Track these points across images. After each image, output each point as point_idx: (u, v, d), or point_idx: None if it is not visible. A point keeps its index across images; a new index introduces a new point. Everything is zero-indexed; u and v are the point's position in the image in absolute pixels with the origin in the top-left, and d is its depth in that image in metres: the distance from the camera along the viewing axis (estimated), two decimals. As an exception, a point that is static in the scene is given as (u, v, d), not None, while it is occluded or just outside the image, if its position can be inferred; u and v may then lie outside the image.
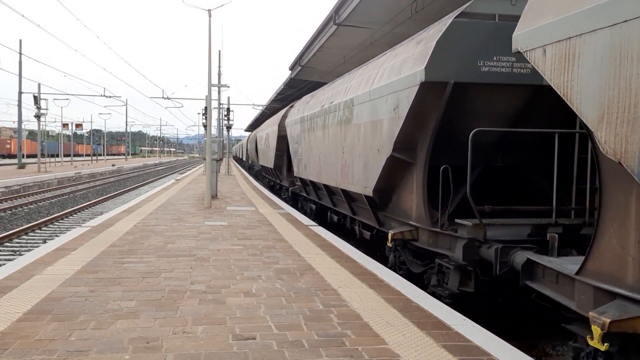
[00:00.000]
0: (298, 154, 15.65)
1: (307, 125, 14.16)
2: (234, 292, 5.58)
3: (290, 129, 17.44)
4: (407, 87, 7.06)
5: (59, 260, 7.03)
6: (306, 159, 14.23)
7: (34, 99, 39.74)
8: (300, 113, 15.64)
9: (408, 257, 8.01)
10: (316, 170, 12.93)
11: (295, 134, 16.40)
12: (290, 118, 17.73)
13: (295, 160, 16.15)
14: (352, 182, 9.64)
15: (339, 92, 11.10)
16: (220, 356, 3.81)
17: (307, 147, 14.03)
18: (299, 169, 15.56)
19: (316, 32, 19.15)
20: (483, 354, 3.93)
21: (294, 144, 16.48)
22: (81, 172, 39.06)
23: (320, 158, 12.44)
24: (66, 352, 3.82)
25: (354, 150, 9.52)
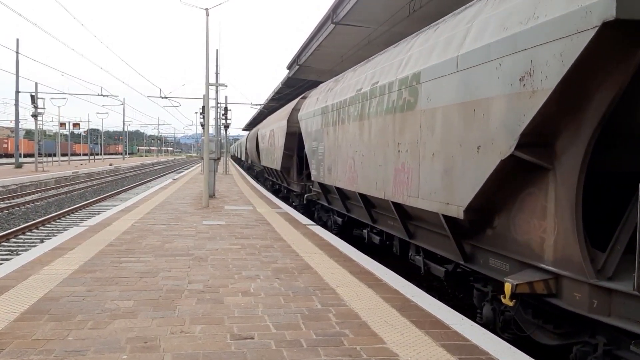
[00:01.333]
0: (317, 154, 12.61)
1: (333, 117, 11.17)
2: (232, 292, 5.57)
3: (305, 123, 14.20)
4: (563, 36, 4.15)
5: (57, 260, 7.01)
6: (330, 160, 11.28)
7: (31, 98, 39.66)
8: (320, 103, 12.49)
9: (530, 320, 5.19)
10: (347, 174, 9.92)
11: (312, 130, 13.26)
12: (304, 110, 14.45)
13: (314, 161, 13.03)
14: (416, 194, 6.68)
15: (388, 68, 8.09)
16: (218, 356, 3.80)
17: (332, 144, 11.14)
18: (318, 173, 12.45)
19: (314, 31, 19.14)
20: (481, 353, 3.93)
21: (311, 142, 13.32)
22: (78, 172, 38.99)
23: (354, 159, 9.50)
24: (63, 352, 3.81)
25: (421, 149, 6.54)
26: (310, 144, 13.53)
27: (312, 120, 13.21)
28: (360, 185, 9.14)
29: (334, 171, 10.93)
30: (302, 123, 14.42)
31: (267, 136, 23.40)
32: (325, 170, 11.80)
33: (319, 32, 18.74)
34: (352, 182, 9.64)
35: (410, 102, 6.92)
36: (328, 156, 11.49)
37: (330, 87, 12.17)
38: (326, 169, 11.65)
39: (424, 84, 6.53)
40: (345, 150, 10.16)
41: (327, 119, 11.62)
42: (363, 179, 8.95)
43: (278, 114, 21.72)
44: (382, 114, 8.01)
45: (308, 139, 13.72)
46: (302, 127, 14.42)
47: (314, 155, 13.03)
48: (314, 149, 13.03)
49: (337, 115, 10.73)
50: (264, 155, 25.51)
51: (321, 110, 12.17)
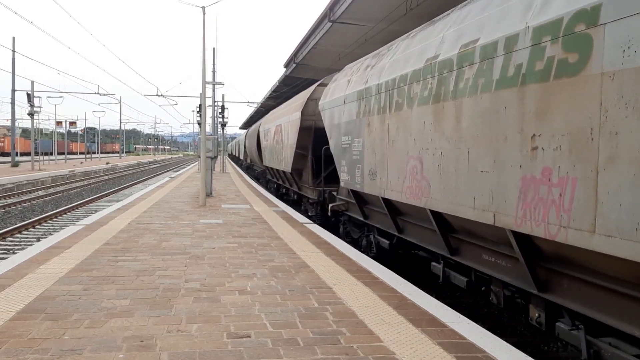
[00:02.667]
0: (350, 153, 9.61)
1: (378, 101, 8.13)
2: (228, 290, 5.57)
3: (329, 114, 11.06)
4: None
5: (53, 258, 6.99)
6: (374, 161, 8.35)
7: (28, 97, 39.54)
8: (355, 85, 9.43)
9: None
10: (408, 182, 7.07)
11: (341, 121, 10.14)
12: (328, 97, 11.21)
13: (344, 162, 10.03)
14: (587, 224, 3.92)
15: (497, 15, 5.29)
16: (215, 354, 3.80)
17: (378, 139, 8.16)
18: (352, 178, 9.49)
19: (311, 29, 19.13)
20: (478, 351, 3.93)
21: (340, 137, 10.22)
22: (75, 171, 38.91)
23: (422, 160, 6.63)
24: (59, 351, 3.80)
25: (603, 144, 3.81)
26: (337, 140, 10.38)
27: (341, 109, 10.10)
28: (435, 200, 6.20)
29: (382, 176, 7.97)
30: (325, 114, 11.33)
31: (272, 132, 20.04)
32: (363, 175, 8.78)
33: (316, 30, 18.73)
34: (417, 193, 6.72)
35: (567, 64, 4.19)
36: (370, 155, 8.49)
37: (369, 65, 9.14)
38: (365, 172, 8.68)
39: (609, 24, 3.78)
40: (403, 147, 7.17)
41: (367, 106, 8.59)
42: (442, 190, 6.02)
43: (288, 105, 18.01)
44: (489, 90, 5.20)
45: (335, 134, 10.59)
46: (325, 119, 11.32)
47: (344, 155, 9.91)
48: (344, 145, 9.86)
49: (387, 99, 7.75)
50: (267, 155, 22.02)
51: (357, 95, 9.09)
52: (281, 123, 17.70)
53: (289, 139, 15.89)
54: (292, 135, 15.13)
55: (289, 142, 15.72)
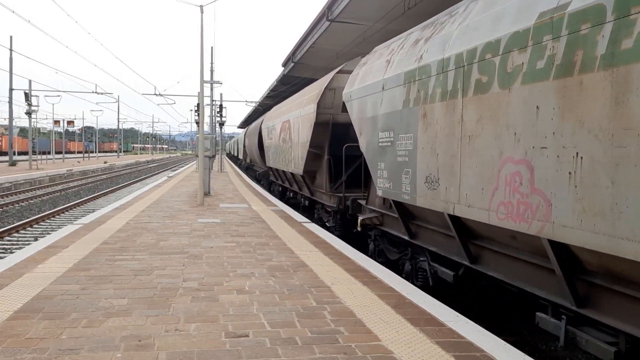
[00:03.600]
0: (394, 154, 7.41)
1: (444, 83, 6.00)
2: (227, 290, 5.56)
3: (357, 105, 8.88)
4: None
5: (50, 258, 6.98)
6: (436, 166, 6.21)
7: (25, 96, 39.48)
8: (399, 65, 7.31)
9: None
10: (506, 197, 4.94)
11: (378, 113, 7.94)
12: (358, 84, 8.91)
13: (383, 166, 7.83)
14: None
15: None
16: (213, 354, 3.79)
17: (444, 136, 6.02)
18: (395, 186, 7.37)
19: (309, 29, 19.13)
20: (476, 350, 3.93)
21: (377, 134, 8.02)
22: (73, 170, 38.85)
23: (533, 164, 4.59)
24: (57, 350, 3.79)
25: None
26: (372, 138, 8.20)
27: (377, 98, 7.90)
28: (563, 227, 4.16)
29: (449, 186, 5.84)
30: (353, 105, 9.10)
31: (278, 130, 17.91)
32: (415, 183, 6.67)
33: (314, 30, 18.72)
34: (520, 213, 4.69)
35: None
36: (427, 157, 6.38)
37: (420, 37, 7.01)
38: (419, 179, 6.57)
39: None
40: (491, 145, 5.11)
41: (423, 90, 6.42)
42: (580, 213, 4.00)
43: (298, 98, 15.53)
44: None
45: (368, 129, 8.40)
46: (353, 112, 9.11)
47: (382, 156, 7.81)
48: (383, 144, 7.75)
49: (460, 79, 5.61)
50: (271, 155, 19.78)
51: (405, 77, 6.92)
52: (289, 119, 15.70)
53: (300, 137, 13.88)
54: (305, 132, 13.13)
55: (301, 140, 13.75)
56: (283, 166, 16.78)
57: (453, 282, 6.43)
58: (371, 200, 9.10)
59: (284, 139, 16.57)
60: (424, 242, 7.17)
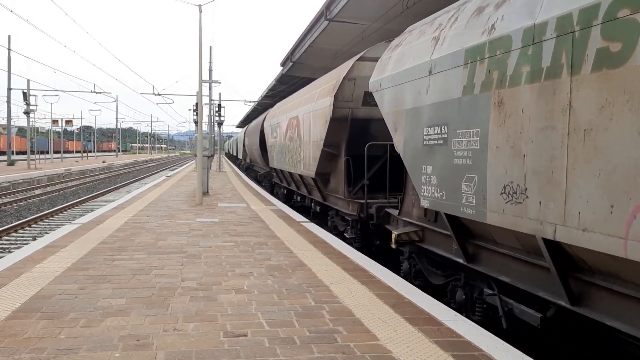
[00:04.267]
0: (448, 156, 5.87)
1: (536, 58, 4.45)
2: (225, 289, 5.56)
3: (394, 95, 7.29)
4: None
5: (49, 257, 6.97)
6: (522, 171, 4.62)
7: (23, 95, 39.41)
8: (462, 38, 5.65)
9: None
10: None
11: (422, 103, 6.47)
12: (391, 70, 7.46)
13: (429, 169, 6.36)
14: None
15: None
16: (211, 353, 3.79)
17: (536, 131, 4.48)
18: (454, 197, 5.72)
19: (308, 28, 19.13)
20: (475, 350, 3.93)
21: (420, 129, 6.52)
22: (71, 169, 38.81)
23: None
24: (55, 350, 3.79)
25: None
26: (413, 134, 6.67)
27: (420, 84, 6.41)
28: None
29: (545, 201, 4.33)
30: (384, 96, 7.60)
31: (284, 127, 16.40)
32: (485, 193, 5.10)
33: (312, 29, 18.72)
34: None
35: None
36: (504, 159, 4.85)
37: (481, 5, 5.55)
38: (491, 189, 5.00)
39: None
40: (622, 145, 3.64)
41: (498, 70, 4.94)
42: None
43: (309, 91, 13.89)
44: None
45: (406, 124, 6.90)
46: (385, 103, 7.59)
47: (428, 157, 6.29)
48: (430, 142, 6.23)
49: (565, 50, 4.14)
50: (276, 155, 18.28)
51: (467, 56, 5.43)
52: (298, 115, 14.10)
53: (312, 134, 12.29)
54: (318, 129, 11.57)
55: (312, 139, 12.17)
56: (290, 167, 15.20)
57: (540, 327, 4.87)
58: (406, 210, 7.58)
59: (291, 137, 14.99)
60: (490, 269, 5.52)
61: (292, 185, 16.51)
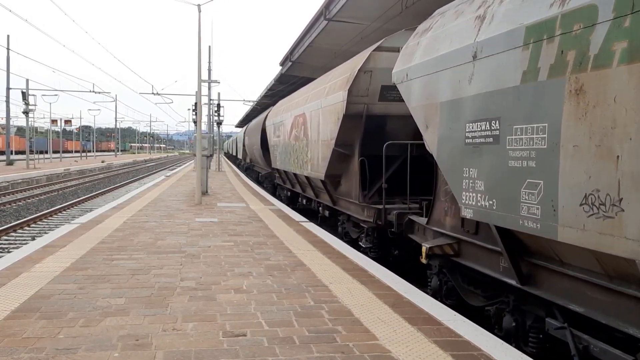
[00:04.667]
0: (501, 157, 4.83)
1: None
2: (224, 289, 5.56)
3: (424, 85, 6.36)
4: None
5: (48, 257, 6.96)
6: (626, 173, 3.51)
7: (22, 95, 39.37)
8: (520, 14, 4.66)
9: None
10: None
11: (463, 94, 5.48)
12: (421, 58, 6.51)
13: (472, 173, 5.34)
14: None
15: None
16: (210, 353, 3.79)
17: None
18: (507, 207, 4.73)
19: (307, 28, 19.12)
20: (474, 349, 3.93)
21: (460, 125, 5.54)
22: (70, 169, 38.79)
23: None
24: (54, 350, 3.78)
25: None
26: (452, 131, 5.70)
27: (460, 72, 5.48)
28: None
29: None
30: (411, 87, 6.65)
31: (289, 126, 15.43)
32: (552, 203, 4.17)
33: (311, 29, 18.71)
34: None
35: None
36: (583, 161, 3.90)
37: None
38: (561, 198, 4.09)
39: None
40: None
41: (571, 50, 4.03)
42: None
43: (318, 85, 12.74)
44: None
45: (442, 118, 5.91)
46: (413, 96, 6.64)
47: (472, 158, 5.32)
48: (473, 141, 5.28)
49: None
50: (279, 155, 17.31)
51: (528, 34, 4.50)
52: (304, 112, 13.13)
53: (320, 133, 11.39)
54: (329, 127, 10.62)
55: (322, 137, 11.25)
56: (295, 168, 14.25)
57: None
58: (436, 219, 6.66)
59: (297, 136, 14.00)
60: (553, 295, 4.57)
61: (297, 187, 15.59)
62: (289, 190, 17.54)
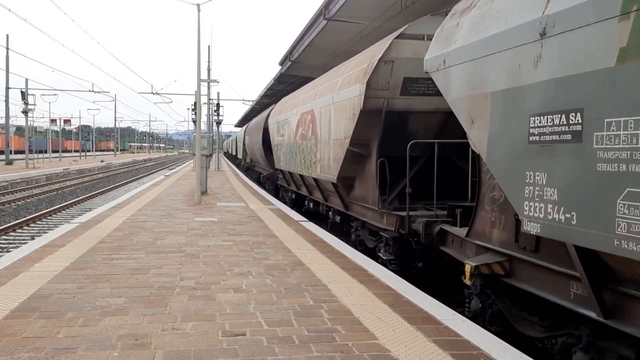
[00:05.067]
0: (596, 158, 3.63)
1: None
2: (223, 288, 5.56)
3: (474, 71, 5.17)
4: None
5: (47, 257, 6.96)
6: None
7: (22, 95, 39.35)
8: None
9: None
10: None
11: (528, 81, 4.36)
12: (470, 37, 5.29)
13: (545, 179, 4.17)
14: None
15: None
16: (210, 353, 3.79)
17: None
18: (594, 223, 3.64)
19: (306, 27, 19.12)
20: (473, 348, 3.94)
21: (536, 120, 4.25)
22: (70, 169, 38.77)
23: None
24: (54, 349, 3.78)
25: None
26: (509, 126, 4.66)
27: (520, 54, 4.47)
28: None
29: None
30: (450, 75, 5.67)
31: (294, 123, 14.31)
32: None
33: (311, 28, 18.71)
34: None
35: None
36: None
37: None
38: None
39: None
40: None
41: None
42: None
43: (330, 78, 11.54)
44: None
45: (494, 112, 4.90)
46: (451, 86, 5.69)
47: (538, 160, 4.25)
48: (546, 138, 4.17)
49: None
50: (283, 155, 16.22)
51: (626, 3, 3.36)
52: (313, 108, 12.07)
53: (332, 131, 10.33)
54: (343, 125, 9.57)
55: (334, 136, 10.19)
56: (302, 170, 13.12)
57: None
58: (479, 231, 5.68)
59: (304, 135, 12.87)
60: None
61: (303, 190, 14.51)
62: (293, 193, 16.45)
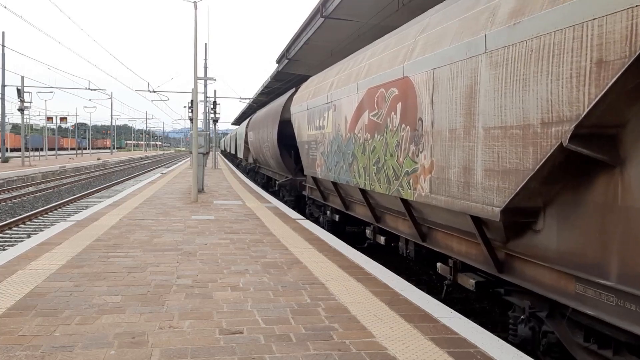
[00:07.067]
0: None
1: None
2: (221, 287, 5.55)
3: None
4: None
5: (43, 255, 6.94)
6: None
7: (18, 92, 39.21)
8: None
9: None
10: None
11: None
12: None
13: None
14: None
15: None
16: (207, 351, 3.78)
17: None
18: None
19: (303, 25, 19.09)
20: (470, 346, 3.94)
21: None
22: (66, 166, 38.66)
23: None
24: (50, 347, 3.77)
25: None
26: None
27: None
28: None
29: None
30: None
31: (353, 108, 8.67)
32: None
33: (308, 26, 18.68)
34: None
35: None
36: None
37: None
38: None
39: None
40: None
41: None
42: None
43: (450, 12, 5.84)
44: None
45: None
46: None
47: None
48: None
49: None
50: (323, 157, 10.74)
51: None
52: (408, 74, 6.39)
53: (490, 112, 4.66)
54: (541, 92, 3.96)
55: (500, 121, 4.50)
56: (367, 182, 7.99)
57: None
58: None
59: (376, 125, 7.60)
60: None
61: (357, 210, 9.55)
62: (338, 213, 10.90)
